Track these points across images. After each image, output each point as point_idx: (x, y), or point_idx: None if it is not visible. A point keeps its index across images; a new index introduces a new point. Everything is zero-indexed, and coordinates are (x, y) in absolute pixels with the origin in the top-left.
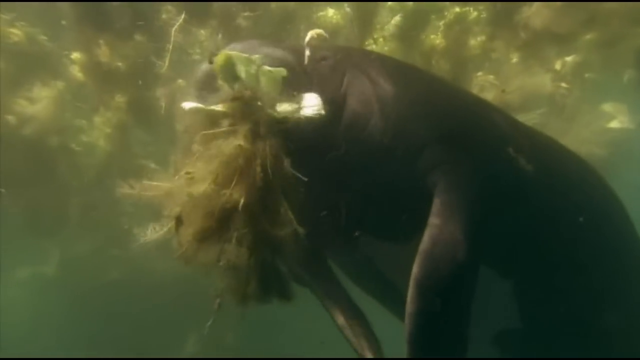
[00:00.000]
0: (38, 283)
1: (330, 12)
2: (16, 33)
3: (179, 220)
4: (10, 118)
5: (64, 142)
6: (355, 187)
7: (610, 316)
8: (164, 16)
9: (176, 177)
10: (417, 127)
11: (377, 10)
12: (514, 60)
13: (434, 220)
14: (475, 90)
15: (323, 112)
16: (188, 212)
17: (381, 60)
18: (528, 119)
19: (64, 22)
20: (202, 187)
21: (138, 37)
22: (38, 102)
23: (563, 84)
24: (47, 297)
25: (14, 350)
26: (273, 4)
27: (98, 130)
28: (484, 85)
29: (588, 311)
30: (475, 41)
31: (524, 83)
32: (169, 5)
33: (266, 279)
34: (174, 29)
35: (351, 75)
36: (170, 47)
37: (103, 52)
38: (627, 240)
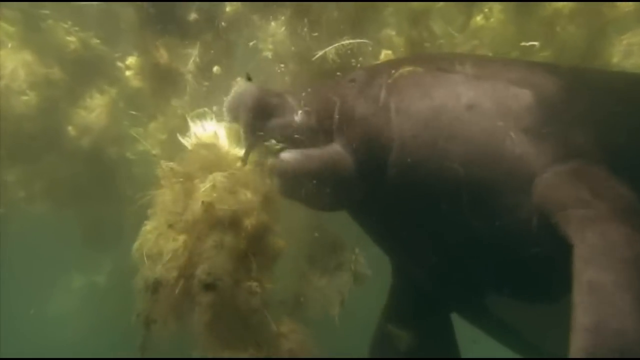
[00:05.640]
0: (91, 292)
1: None
2: (72, 40)
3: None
4: (70, 129)
5: (120, 151)
6: (446, 238)
7: None
8: (227, 9)
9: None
10: (515, 148)
11: None
12: None
13: (579, 301)
14: (618, 57)
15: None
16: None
17: (438, 62)
18: None
19: (122, 26)
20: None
21: (203, 35)
22: (93, 110)
23: None
24: (100, 305)
25: (78, 348)
26: None
27: (152, 138)
28: (631, 51)
29: None
30: None
31: None
32: None
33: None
34: (187, 68)
35: (393, 90)
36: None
37: (161, 54)
38: None
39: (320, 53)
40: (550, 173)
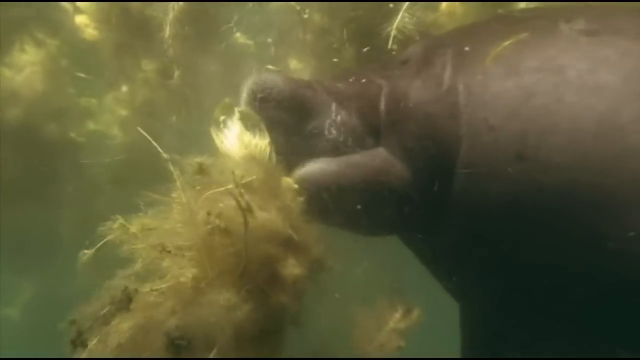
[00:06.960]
0: None
1: None
2: None
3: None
4: None
5: (62, 130)
6: (547, 278)
7: None
8: None
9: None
10: None
11: None
12: None
13: None
14: None
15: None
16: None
17: (531, 22)
18: None
19: None
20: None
21: None
22: (22, 70)
23: None
24: (10, 348)
25: None
26: None
27: (109, 114)
28: None
29: None
30: None
31: None
32: None
33: None
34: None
35: (462, 66)
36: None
37: None
38: None
39: (392, 31)
40: None
